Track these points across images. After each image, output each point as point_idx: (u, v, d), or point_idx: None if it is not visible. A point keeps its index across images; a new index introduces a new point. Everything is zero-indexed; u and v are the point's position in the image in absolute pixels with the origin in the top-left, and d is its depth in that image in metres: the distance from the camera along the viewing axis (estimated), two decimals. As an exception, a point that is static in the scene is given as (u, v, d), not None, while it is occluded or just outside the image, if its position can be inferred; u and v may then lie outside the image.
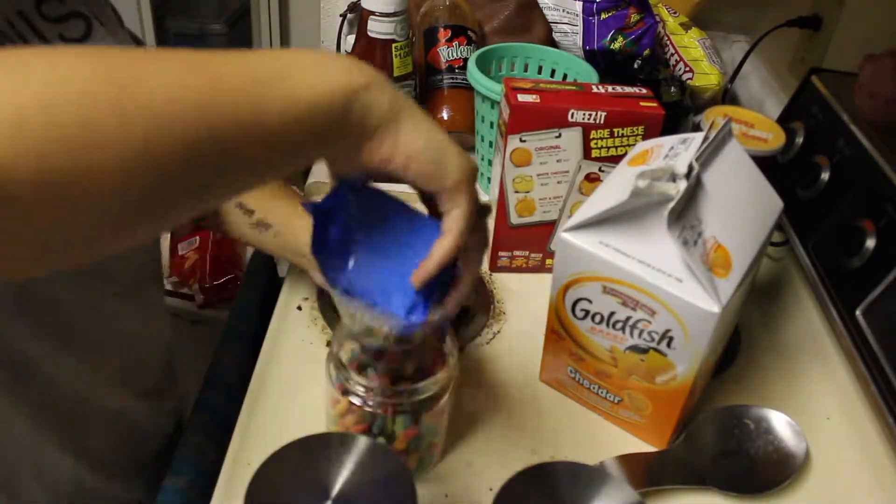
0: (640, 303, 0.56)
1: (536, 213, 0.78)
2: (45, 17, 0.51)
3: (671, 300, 0.54)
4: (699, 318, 0.53)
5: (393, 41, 0.83)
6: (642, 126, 0.72)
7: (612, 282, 0.57)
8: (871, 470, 0.65)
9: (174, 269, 1.46)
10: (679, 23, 1.13)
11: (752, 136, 0.73)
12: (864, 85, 0.80)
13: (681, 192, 0.50)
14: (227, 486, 0.58)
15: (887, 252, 0.68)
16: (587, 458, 0.60)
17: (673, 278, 0.53)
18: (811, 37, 1.06)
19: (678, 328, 0.55)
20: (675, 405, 0.60)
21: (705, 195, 0.54)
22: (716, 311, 0.52)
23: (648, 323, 0.56)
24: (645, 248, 0.55)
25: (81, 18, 0.54)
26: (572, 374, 0.65)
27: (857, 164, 0.76)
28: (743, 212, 0.59)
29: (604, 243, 0.56)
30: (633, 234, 0.55)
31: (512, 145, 0.72)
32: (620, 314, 0.58)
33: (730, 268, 0.54)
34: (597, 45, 1.04)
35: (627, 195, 0.52)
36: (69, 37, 0.52)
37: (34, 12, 0.50)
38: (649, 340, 0.57)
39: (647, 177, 0.51)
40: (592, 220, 0.56)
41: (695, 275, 0.52)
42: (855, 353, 0.69)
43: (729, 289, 0.53)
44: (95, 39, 0.54)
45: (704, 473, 0.61)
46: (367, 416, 0.55)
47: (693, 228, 0.52)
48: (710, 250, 0.53)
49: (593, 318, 0.60)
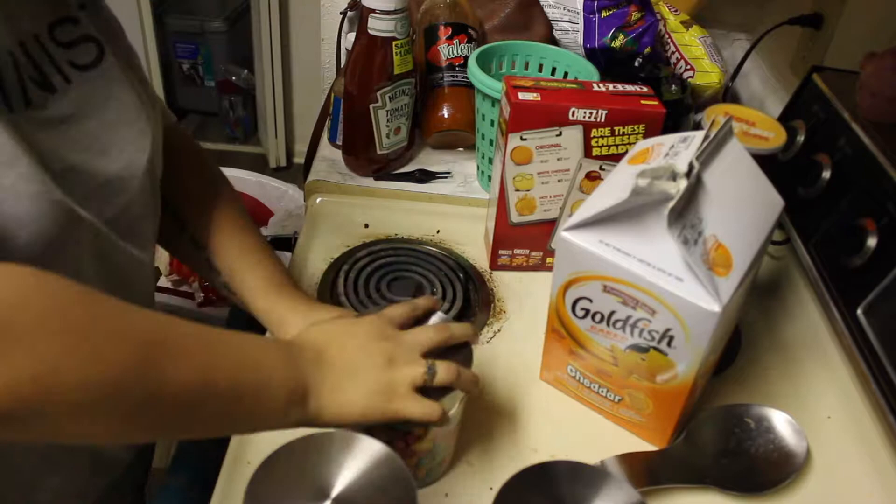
0: (640, 302, 0.56)
1: (537, 212, 0.77)
2: (57, 42, 0.50)
3: (672, 299, 0.54)
4: (700, 317, 0.53)
5: (393, 39, 0.83)
6: (643, 124, 0.71)
7: (613, 281, 0.56)
8: (871, 469, 0.65)
9: (174, 267, 1.46)
10: (680, 21, 1.13)
11: (753, 134, 0.73)
12: (866, 83, 0.79)
13: (681, 190, 0.50)
14: (226, 485, 0.58)
15: (888, 251, 0.68)
16: (588, 457, 0.60)
17: (673, 277, 0.53)
18: (812, 35, 1.05)
19: (679, 327, 0.55)
20: (675, 404, 0.60)
21: (706, 194, 0.54)
22: (716, 310, 0.52)
23: (649, 322, 0.56)
24: (645, 247, 0.55)
25: (93, 42, 0.53)
26: (572, 372, 0.65)
27: (858, 162, 0.76)
28: (743, 211, 0.59)
29: (604, 242, 0.56)
30: (634, 233, 0.55)
31: (512, 143, 0.72)
32: (621, 313, 0.58)
33: (730, 267, 0.54)
34: (597, 44, 1.04)
35: (628, 194, 0.52)
36: (80, 63, 0.51)
37: (47, 37, 0.50)
38: (650, 339, 0.57)
39: (647, 175, 0.51)
40: (593, 218, 0.56)
41: (695, 274, 0.52)
42: (856, 351, 0.69)
43: (729, 288, 0.53)
44: (105, 64, 0.53)
45: (705, 472, 0.61)
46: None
47: (694, 227, 0.52)
48: (710, 249, 0.53)
49: (593, 317, 0.60)
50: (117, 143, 0.53)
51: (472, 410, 0.65)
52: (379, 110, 0.87)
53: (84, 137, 0.51)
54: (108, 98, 0.53)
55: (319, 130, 1.05)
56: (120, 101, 0.54)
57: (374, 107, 0.87)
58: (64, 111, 0.50)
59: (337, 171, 0.94)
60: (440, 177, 0.94)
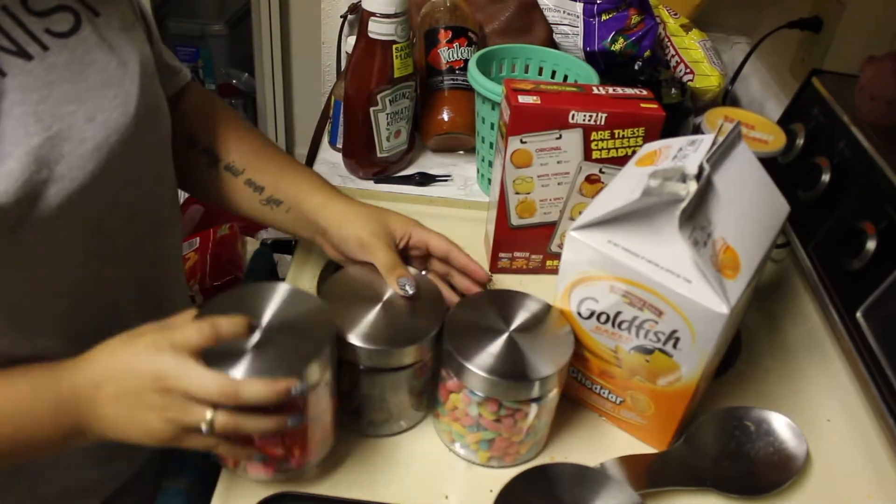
0: (647, 303, 0.56)
1: (537, 215, 0.78)
2: (30, 11, 0.50)
3: (679, 300, 0.54)
4: (707, 318, 0.53)
5: (393, 42, 0.83)
6: (643, 127, 0.72)
7: (620, 281, 0.56)
8: (871, 472, 0.65)
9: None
10: (680, 24, 1.13)
11: (753, 137, 0.73)
12: (865, 86, 0.80)
13: (692, 192, 0.50)
14: (227, 486, 0.58)
15: (888, 254, 0.68)
16: (588, 458, 0.60)
17: (682, 279, 0.53)
18: (812, 38, 1.06)
19: (685, 329, 0.55)
20: (677, 406, 0.60)
21: (715, 197, 0.54)
22: (724, 311, 0.52)
23: (655, 323, 0.56)
24: (654, 248, 0.55)
25: (69, 11, 0.53)
26: (574, 374, 0.65)
27: (857, 165, 0.76)
28: (752, 214, 0.59)
29: (612, 242, 0.56)
30: (643, 234, 0.55)
31: (512, 146, 0.72)
32: (627, 314, 0.58)
33: (738, 269, 0.54)
34: (597, 47, 1.04)
35: (639, 194, 0.52)
36: (55, 30, 0.51)
37: (19, 6, 0.50)
38: (655, 341, 0.57)
39: (658, 176, 0.51)
40: (602, 218, 0.56)
41: (704, 275, 0.52)
42: (855, 354, 0.69)
43: (737, 290, 0.53)
44: (84, 32, 0.53)
45: (705, 475, 0.61)
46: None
47: (703, 229, 0.52)
48: (719, 251, 0.53)
49: (598, 317, 0.60)
50: (103, 107, 0.53)
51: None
52: (379, 113, 0.88)
53: (68, 103, 0.51)
54: (88, 64, 0.53)
55: (320, 133, 1.06)
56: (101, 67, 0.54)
57: (375, 110, 0.87)
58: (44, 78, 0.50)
59: (337, 174, 0.94)
60: (440, 180, 0.95)
